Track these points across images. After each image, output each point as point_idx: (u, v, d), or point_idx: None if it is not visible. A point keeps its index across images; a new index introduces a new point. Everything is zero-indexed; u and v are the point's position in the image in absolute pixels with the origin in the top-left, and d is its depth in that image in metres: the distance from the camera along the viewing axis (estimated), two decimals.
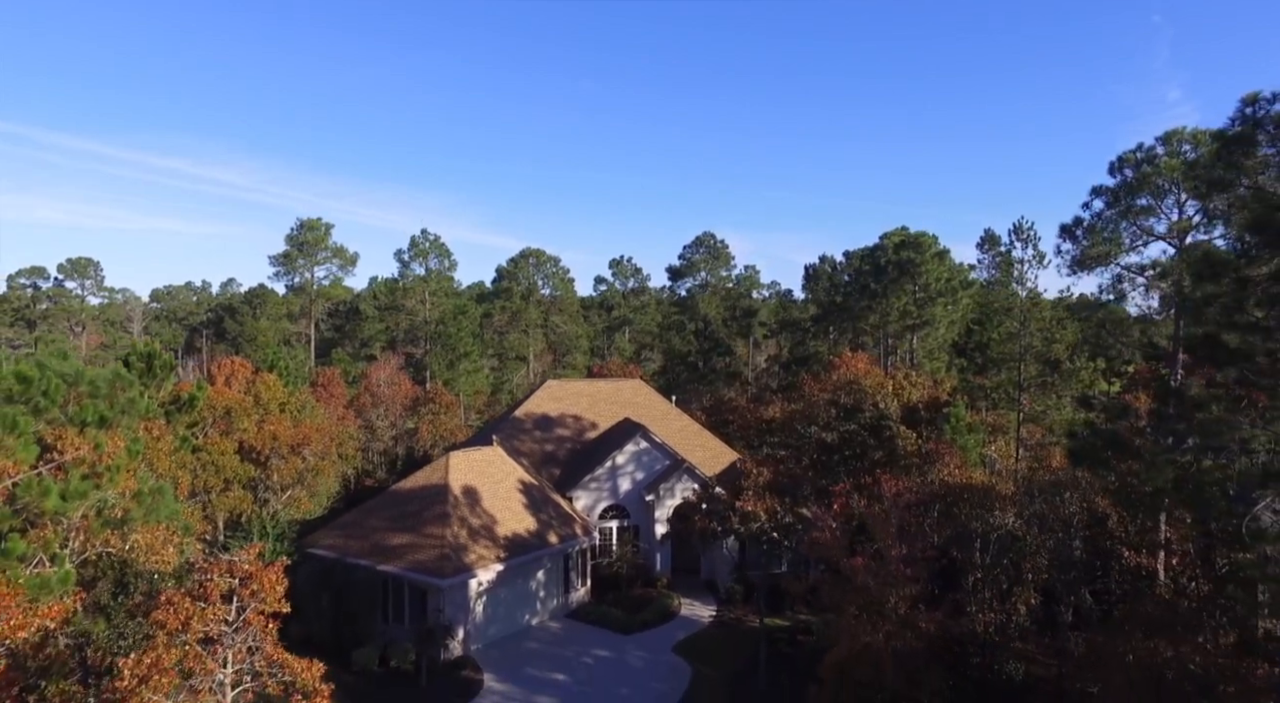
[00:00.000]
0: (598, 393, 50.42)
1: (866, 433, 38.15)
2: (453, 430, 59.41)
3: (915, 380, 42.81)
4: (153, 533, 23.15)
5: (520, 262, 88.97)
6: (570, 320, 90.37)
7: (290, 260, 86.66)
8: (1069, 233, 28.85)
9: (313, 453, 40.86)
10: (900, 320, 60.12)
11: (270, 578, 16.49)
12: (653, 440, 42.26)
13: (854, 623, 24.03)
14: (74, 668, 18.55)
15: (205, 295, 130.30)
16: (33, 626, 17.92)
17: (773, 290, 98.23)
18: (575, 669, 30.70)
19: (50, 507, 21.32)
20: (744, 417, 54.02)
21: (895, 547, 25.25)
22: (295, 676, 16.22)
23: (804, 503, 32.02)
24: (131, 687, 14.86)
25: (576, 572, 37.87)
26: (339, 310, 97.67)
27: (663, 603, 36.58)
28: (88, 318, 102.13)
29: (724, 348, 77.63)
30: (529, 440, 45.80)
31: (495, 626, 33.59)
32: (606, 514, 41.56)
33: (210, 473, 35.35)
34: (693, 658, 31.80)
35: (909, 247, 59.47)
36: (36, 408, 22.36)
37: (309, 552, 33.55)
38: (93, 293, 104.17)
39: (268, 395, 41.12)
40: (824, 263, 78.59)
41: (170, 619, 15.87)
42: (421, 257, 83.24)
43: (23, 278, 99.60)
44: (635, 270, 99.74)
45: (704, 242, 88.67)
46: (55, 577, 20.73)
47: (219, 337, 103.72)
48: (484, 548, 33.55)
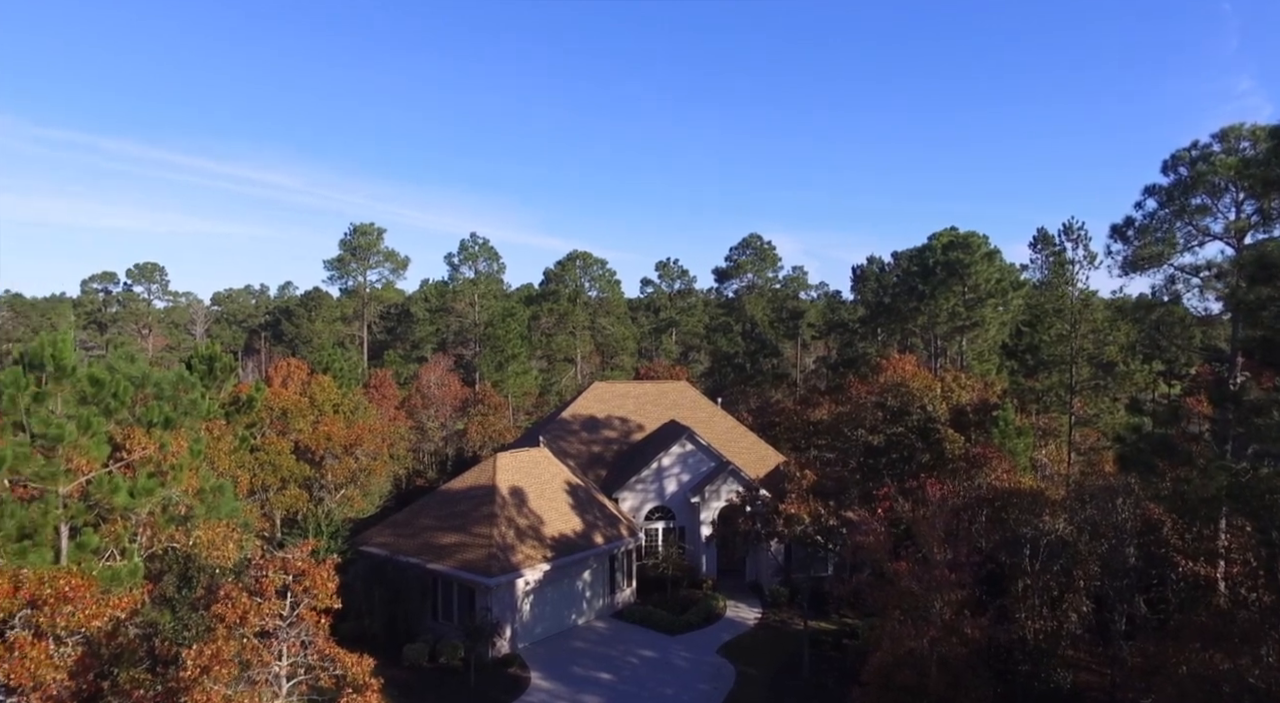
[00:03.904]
0: (644, 395, 50.74)
1: (914, 436, 37.79)
2: (501, 431, 60.29)
3: (964, 383, 42.26)
4: (214, 530, 24.11)
5: (567, 264, 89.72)
6: (617, 322, 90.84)
7: (344, 264, 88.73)
8: (1120, 233, 28.26)
9: (365, 453, 41.92)
10: (949, 322, 59.29)
11: (321, 575, 17.12)
12: (698, 443, 42.42)
13: (898, 628, 23.92)
14: (143, 657, 19.43)
15: (264, 298, 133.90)
16: (105, 615, 18.91)
17: (820, 291, 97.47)
18: (621, 669, 31.04)
19: (120, 503, 22.37)
20: (790, 419, 53.79)
21: (941, 551, 25.07)
22: (346, 670, 16.83)
23: (849, 506, 31.91)
24: (194, 676, 15.61)
25: (622, 572, 38.22)
26: (391, 313, 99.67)
27: (707, 604, 36.73)
28: (154, 321, 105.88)
29: (771, 349, 77.33)
30: (576, 442, 46.33)
31: (542, 625, 34.10)
32: (652, 516, 41.84)
33: (268, 472, 36.52)
34: (737, 660, 31.92)
35: (958, 247, 58.59)
36: (107, 409, 23.42)
37: (362, 549, 34.46)
38: (158, 297, 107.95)
39: (322, 397, 42.31)
40: (872, 263, 77.73)
41: (229, 613, 16.61)
42: (471, 260, 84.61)
43: (95, 283, 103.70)
44: (682, 272, 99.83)
45: (751, 243, 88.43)
46: (125, 569, 21.78)
47: (276, 338, 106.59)
48: (531, 548, 34.09)
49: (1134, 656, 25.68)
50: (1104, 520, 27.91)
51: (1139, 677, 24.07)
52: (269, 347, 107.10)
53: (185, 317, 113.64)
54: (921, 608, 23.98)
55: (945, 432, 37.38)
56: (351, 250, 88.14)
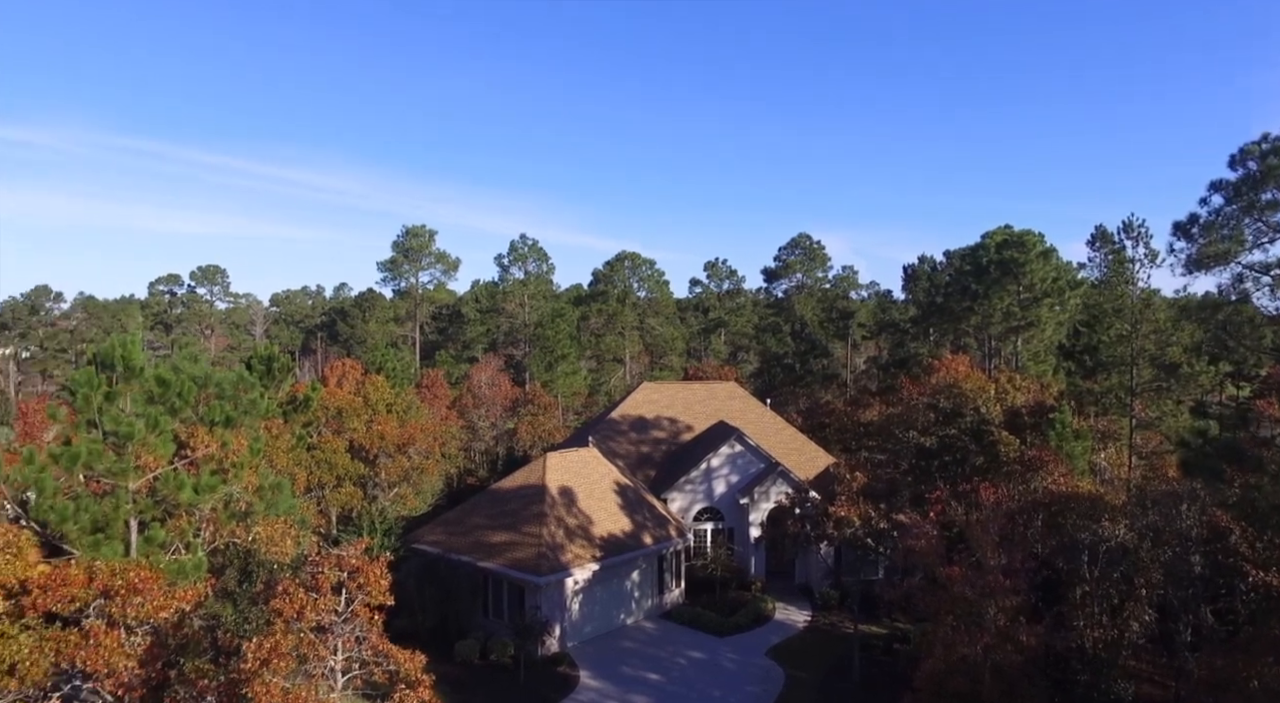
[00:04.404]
0: (693, 395, 50.71)
1: (967, 438, 37.10)
2: (551, 431, 60.72)
3: (1019, 384, 41.33)
4: (272, 526, 24.79)
5: (616, 264, 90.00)
6: (666, 322, 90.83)
7: (396, 266, 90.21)
8: (1184, 231, 27.34)
9: (418, 452, 42.63)
10: (1003, 322, 58.02)
11: (375, 572, 17.50)
12: (747, 444, 42.25)
13: (951, 633, 23.53)
14: (206, 648, 20.06)
15: (320, 299, 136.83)
16: (172, 607, 19.62)
17: (871, 291, 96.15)
18: (669, 670, 31.08)
19: (185, 499, 23.15)
20: (841, 420, 53.24)
21: (995, 556, 24.59)
22: (399, 666, 17.17)
23: (900, 509, 31.47)
24: (255, 668, 16.09)
25: (671, 573, 38.25)
26: (442, 314, 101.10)
27: (756, 606, 36.57)
28: (216, 321, 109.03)
29: (821, 350, 76.61)
30: (625, 442, 46.50)
31: (591, 624, 34.31)
32: (701, 517, 41.80)
33: (324, 470, 37.35)
34: (786, 662, 31.73)
35: (1012, 245, 57.29)
36: (173, 408, 24.25)
37: (414, 547, 35.06)
38: (220, 298, 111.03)
39: (376, 396, 43.12)
40: (923, 263, 76.47)
41: (287, 608, 17.08)
42: (521, 261, 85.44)
43: (161, 285, 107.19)
44: (730, 272, 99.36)
45: (800, 243, 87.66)
46: (190, 563, 22.53)
47: (332, 339, 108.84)
48: (580, 547, 34.32)
49: (1201, 668, 24.84)
50: (1167, 527, 27.07)
51: (1206, 690, 23.28)
52: (325, 347, 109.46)
53: (245, 317, 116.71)
54: (975, 614, 23.55)
55: (999, 434, 36.62)
56: (404, 252, 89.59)
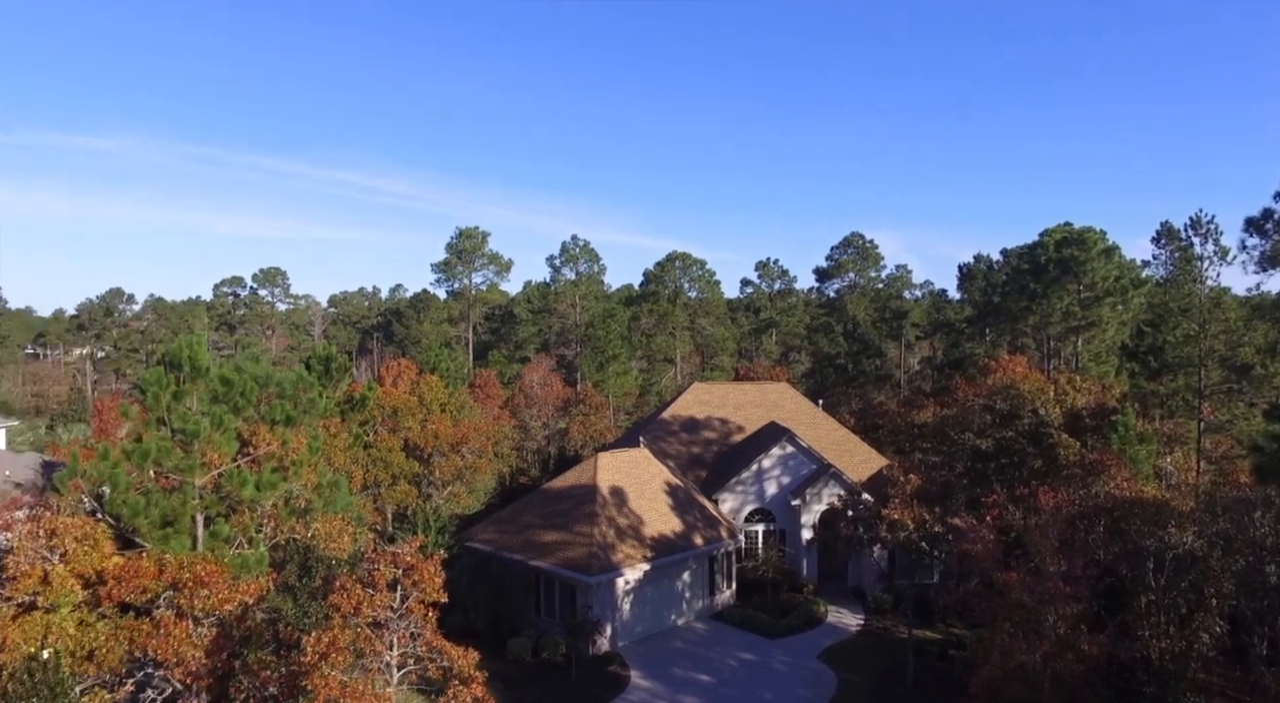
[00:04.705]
0: (744, 396, 50.48)
1: (1024, 440, 36.24)
2: (602, 431, 61.01)
3: (1080, 385, 40.19)
4: (330, 522, 25.38)
5: (667, 265, 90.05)
6: (716, 323, 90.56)
7: (450, 267, 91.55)
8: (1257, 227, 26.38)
9: (471, 451, 43.19)
10: (1063, 322, 56.56)
11: (429, 570, 17.81)
12: (799, 445, 41.91)
13: (1008, 640, 23.04)
14: (268, 640, 20.66)
15: (376, 300, 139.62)
16: (236, 600, 20.29)
17: (925, 290, 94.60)
18: (720, 671, 30.99)
19: (247, 495, 23.86)
20: (894, 421, 52.45)
21: (1055, 562, 24.00)
22: (453, 662, 17.46)
23: (955, 513, 30.91)
24: (314, 661, 16.52)
25: (722, 574, 38.13)
26: (495, 314, 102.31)
27: (808, 609, 36.26)
28: (276, 322, 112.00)
29: (874, 350, 75.66)
30: (675, 442, 46.49)
31: (642, 624, 34.39)
32: (752, 518, 41.59)
33: (379, 468, 38.09)
34: (838, 666, 31.39)
35: (1072, 243, 55.79)
36: (236, 407, 25.01)
37: (467, 545, 35.54)
38: (281, 299, 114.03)
39: (430, 396, 43.81)
40: (979, 262, 75.01)
41: (344, 603, 17.49)
42: (572, 262, 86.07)
43: (225, 287, 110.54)
44: (782, 272, 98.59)
45: (852, 242, 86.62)
46: (252, 558, 23.22)
47: (387, 339, 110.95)
48: (631, 547, 34.42)
49: (1278, 683, 23.92)
50: (1240, 535, 26.05)
51: None
52: (380, 347, 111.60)
53: (304, 318, 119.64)
54: (1034, 621, 23.02)
55: (1059, 437, 35.68)
56: (458, 254, 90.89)
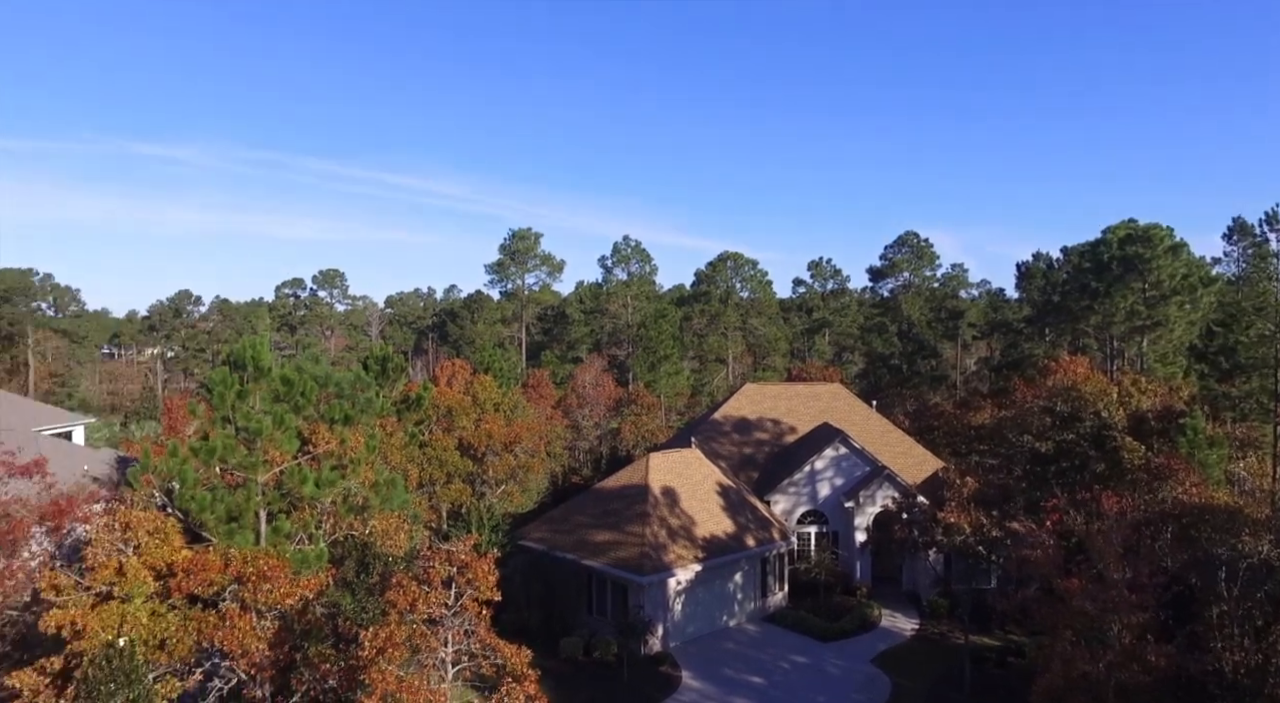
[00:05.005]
0: (796, 397, 50.11)
1: (1086, 443, 35.28)
2: (654, 431, 61.09)
3: (1145, 387, 38.96)
4: (387, 520, 25.90)
5: (718, 265, 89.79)
6: (768, 323, 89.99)
7: (504, 268, 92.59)
8: None
9: (524, 450, 43.63)
10: (1127, 321, 54.85)
11: (483, 568, 18.08)
12: (852, 446, 41.45)
13: (1070, 649, 22.48)
14: (328, 634, 21.19)
15: (431, 301, 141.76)
16: (297, 595, 20.85)
17: (982, 289, 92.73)
18: (772, 673, 30.84)
19: (307, 493, 24.48)
20: (950, 423, 51.55)
21: (1119, 569, 23.33)
22: (506, 660, 17.69)
23: (1013, 517, 30.25)
24: (372, 656, 16.90)
25: (774, 576, 37.91)
26: (548, 314, 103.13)
27: (862, 612, 35.85)
28: (335, 323, 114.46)
29: (929, 350, 74.47)
30: (727, 443, 46.36)
31: (693, 624, 34.38)
32: (804, 520, 41.27)
33: (434, 467, 38.70)
34: (893, 671, 30.97)
35: (1137, 240, 54.04)
36: (297, 406, 25.67)
37: (520, 544, 35.93)
38: (339, 300, 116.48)
39: (484, 396, 44.37)
40: (1038, 260, 73.21)
41: (401, 600, 17.85)
42: (624, 262, 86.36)
43: (286, 288, 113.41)
44: (835, 272, 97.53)
45: (906, 241, 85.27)
46: (312, 554, 23.81)
47: (442, 339, 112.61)
48: (682, 548, 34.44)
49: None
50: None
51: None
52: (435, 347, 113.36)
53: (362, 319, 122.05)
54: (1097, 630, 22.42)
55: (1123, 440, 34.65)
56: (511, 255, 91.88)
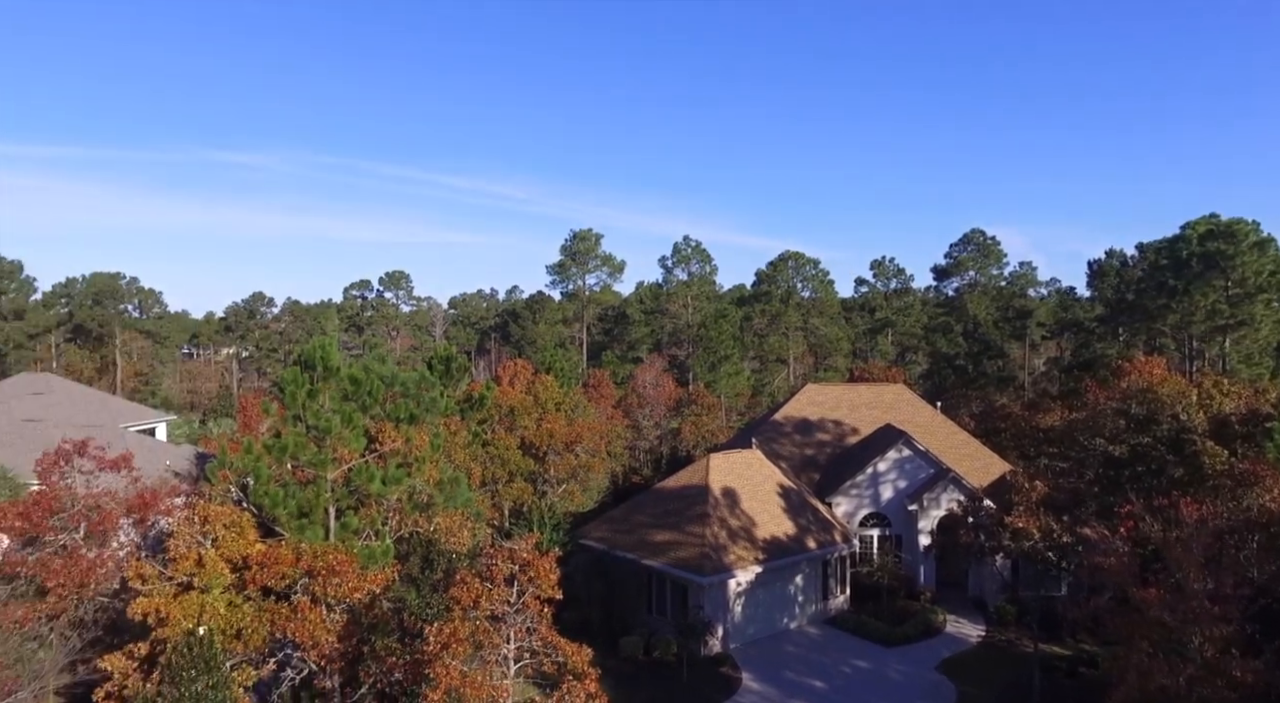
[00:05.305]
0: (858, 398, 49.45)
1: (1163, 447, 33.92)
2: (714, 431, 60.93)
3: (1228, 389, 37.30)
4: (451, 518, 26.42)
5: (779, 264, 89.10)
6: (830, 323, 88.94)
7: (565, 269, 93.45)
8: None
9: (585, 450, 43.97)
10: (1207, 321, 52.64)
11: (544, 567, 18.30)
12: (916, 448, 40.73)
13: (1147, 661, 21.66)
14: (394, 628, 21.74)
15: (493, 302, 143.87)
16: (364, 589, 21.43)
17: (1051, 288, 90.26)
18: (833, 677, 30.50)
19: (374, 490, 25.12)
20: (1017, 425, 50.23)
21: (1200, 579, 22.41)
22: (567, 658, 17.87)
23: (1085, 522, 29.34)
24: (436, 651, 17.25)
25: (835, 579, 37.49)
26: (608, 315, 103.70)
27: (926, 617, 35.20)
28: (400, 323, 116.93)
29: (995, 351, 72.72)
30: (788, 444, 45.99)
31: (753, 626, 34.20)
32: (866, 522, 40.71)
33: (497, 466, 39.28)
34: (958, 679, 30.32)
35: (1219, 236, 51.81)
36: (364, 405, 26.36)
37: (581, 543, 36.22)
38: (404, 301, 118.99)
39: (545, 395, 44.86)
40: (1112, 257, 70.85)
41: (464, 596, 18.18)
42: (684, 262, 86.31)
43: (354, 290, 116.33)
44: (898, 271, 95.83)
45: (972, 239, 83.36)
46: (379, 549, 24.43)
47: (504, 340, 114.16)
48: (743, 549, 34.29)
49: None
50: None
51: None
52: (498, 347, 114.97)
53: (426, 319, 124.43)
54: (1176, 642, 21.56)
55: (1203, 444, 33.21)
56: (572, 255, 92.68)
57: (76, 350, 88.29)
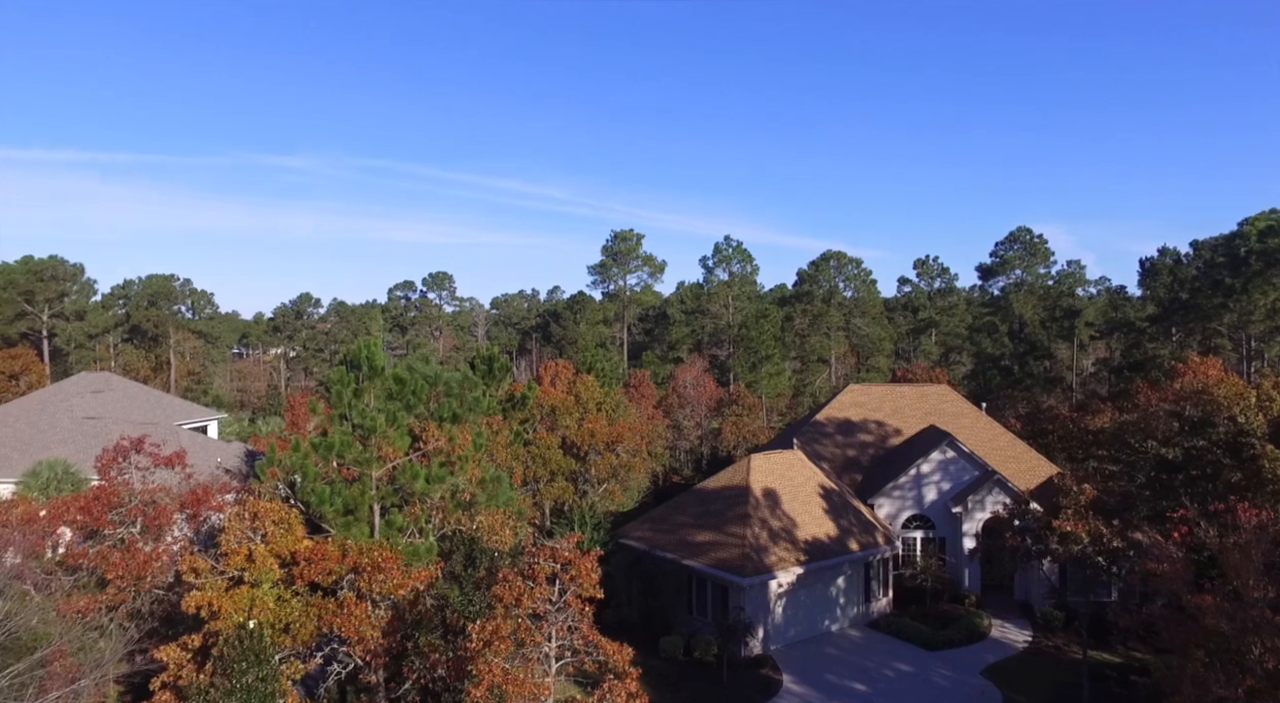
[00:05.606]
0: (901, 398, 48.88)
1: (1220, 451, 32.95)
2: (755, 432, 60.72)
3: None
4: (493, 516, 26.68)
5: (821, 264, 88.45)
6: (873, 323, 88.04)
7: (605, 269, 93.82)
8: None
9: (626, 450, 44.11)
10: (1267, 320, 51.08)
11: (586, 566, 18.38)
12: (960, 449, 40.12)
13: (1203, 672, 21.06)
14: (437, 625, 22.01)
15: (535, 302, 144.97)
16: (408, 586, 21.75)
17: (1101, 287, 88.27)
18: (875, 681, 30.20)
19: (418, 488, 25.46)
20: (1065, 427, 49.25)
21: (1260, 588, 21.73)
22: (608, 657, 17.94)
23: (1136, 527, 28.64)
24: (479, 648, 17.44)
25: (877, 581, 37.10)
26: (649, 315, 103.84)
27: (971, 621, 34.66)
28: (443, 324, 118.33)
29: (1042, 351, 71.36)
30: (830, 445, 45.64)
31: (794, 628, 34.00)
32: (910, 524, 40.21)
33: (538, 465, 39.58)
34: (1004, 685, 29.81)
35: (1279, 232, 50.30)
36: (408, 404, 26.74)
37: (622, 542, 36.33)
38: (447, 302, 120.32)
39: (587, 395, 45.10)
40: (1164, 255, 69.02)
41: (506, 594, 18.34)
42: (725, 262, 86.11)
43: (398, 291, 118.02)
44: (942, 270, 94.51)
45: (1018, 237, 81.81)
46: (423, 547, 24.78)
47: (545, 340, 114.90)
48: (783, 550, 34.11)
49: None
50: None
51: None
52: (539, 347, 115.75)
53: (469, 320, 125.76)
54: (1234, 652, 20.93)
55: (1263, 448, 32.17)
56: (613, 256, 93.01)
57: (133, 350, 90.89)
